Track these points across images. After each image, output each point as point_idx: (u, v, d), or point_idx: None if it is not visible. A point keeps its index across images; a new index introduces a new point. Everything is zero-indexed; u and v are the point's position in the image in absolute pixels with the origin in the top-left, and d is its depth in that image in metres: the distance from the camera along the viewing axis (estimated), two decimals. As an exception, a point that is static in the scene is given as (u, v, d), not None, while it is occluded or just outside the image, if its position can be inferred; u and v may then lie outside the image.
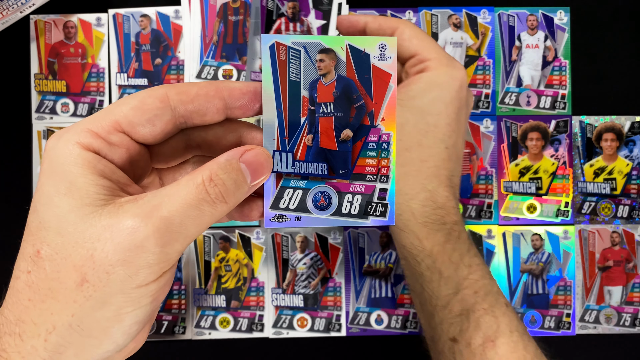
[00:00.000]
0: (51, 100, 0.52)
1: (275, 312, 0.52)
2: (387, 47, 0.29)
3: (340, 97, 0.30)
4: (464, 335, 0.38)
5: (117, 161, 0.27)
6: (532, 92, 0.53)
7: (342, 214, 0.31)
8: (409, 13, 0.53)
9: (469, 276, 0.39)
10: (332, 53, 0.29)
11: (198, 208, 0.25)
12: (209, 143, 0.31)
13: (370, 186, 0.31)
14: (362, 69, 0.29)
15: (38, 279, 0.24)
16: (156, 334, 0.52)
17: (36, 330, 0.24)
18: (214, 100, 0.28)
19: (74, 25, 0.52)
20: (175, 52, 0.52)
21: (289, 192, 0.30)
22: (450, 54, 0.53)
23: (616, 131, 0.53)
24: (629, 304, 0.52)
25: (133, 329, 0.26)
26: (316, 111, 0.30)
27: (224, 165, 0.26)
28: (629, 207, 0.53)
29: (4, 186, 0.52)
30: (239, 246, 0.52)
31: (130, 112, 0.27)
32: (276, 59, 0.29)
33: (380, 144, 0.30)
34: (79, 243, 0.24)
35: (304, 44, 0.29)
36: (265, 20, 0.51)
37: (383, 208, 0.31)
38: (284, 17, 0.51)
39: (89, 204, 0.25)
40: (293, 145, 0.30)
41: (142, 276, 0.24)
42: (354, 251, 0.52)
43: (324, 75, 0.29)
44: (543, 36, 0.53)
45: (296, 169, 0.30)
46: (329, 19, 0.51)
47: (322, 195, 0.30)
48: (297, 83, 0.29)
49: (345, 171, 0.30)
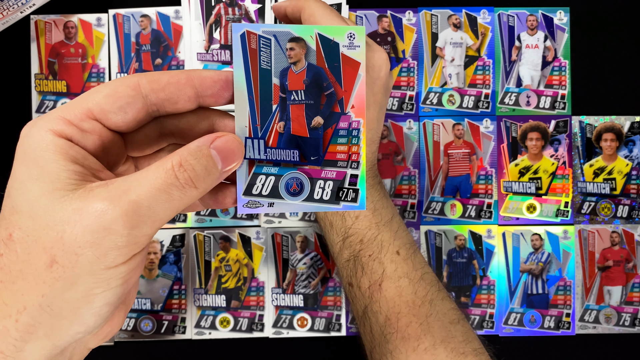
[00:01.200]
0: (51, 100, 0.52)
1: (275, 312, 0.52)
2: (355, 36, 0.30)
3: (310, 85, 0.30)
4: (355, 279, 0.43)
5: (89, 147, 0.28)
6: (532, 92, 0.53)
7: (314, 199, 0.31)
8: (409, 13, 0.53)
9: (353, 225, 0.43)
10: (302, 42, 0.30)
11: (167, 192, 0.26)
12: (182, 131, 0.31)
13: (341, 172, 0.31)
14: (332, 58, 0.30)
15: (9, 262, 0.25)
16: (156, 334, 0.52)
17: (7, 311, 0.25)
18: (185, 88, 0.28)
19: (74, 25, 0.52)
20: (175, 52, 0.52)
21: (262, 178, 0.31)
22: (450, 54, 0.53)
23: (616, 131, 0.53)
24: (628, 303, 0.52)
25: (103, 310, 0.26)
26: (287, 99, 0.30)
27: (194, 152, 0.27)
28: (628, 207, 0.53)
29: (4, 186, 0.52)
30: (239, 246, 0.52)
31: (102, 100, 0.27)
32: (247, 47, 0.29)
33: (350, 130, 0.31)
34: (49, 226, 0.25)
35: (274, 33, 0.29)
36: (205, 6, 0.52)
37: (354, 193, 0.31)
38: (222, 3, 0.52)
39: (60, 189, 0.25)
40: (265, 132, 0.30)
41: (111, 258, 0.25)
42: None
43: (294, 63, 0.30)
44: (543, 36, 0.53)
45: (268, 155, 0.30)
46: (264, 3, 0.52)
47: (295, 181, 0.31)
48: (268, 71, 0.30)
49: (316, 157, 0.31)
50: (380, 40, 0.53)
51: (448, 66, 0.53)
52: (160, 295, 0.52)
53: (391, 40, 0.53)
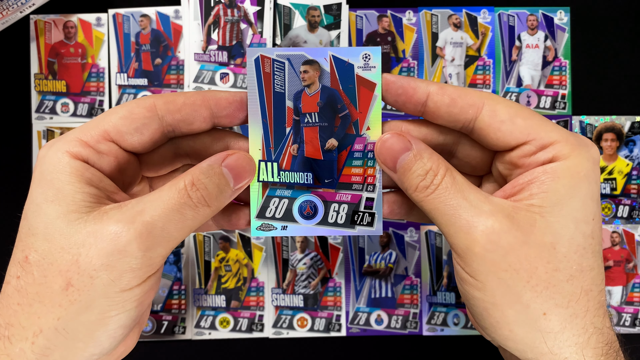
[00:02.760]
0: (51, 100, 0.52)
1: (275, 312, 0.52)
2: (371, 57, 0.29)
3: (324, 107, 0.30)
4: None
5: (105, 169, 0.28)
6: (532, 92, 0.53)
7: (329, 223, 0.31)
8: (409, 13, 0.53)
9: None
10: (316, 64, 0.29)
11: (180, 212, 0.26)
12: (197, 152, 0.31)
13: (356, 195, 0.31)
14: (346, 79, 0.30)
15: (26, 284, 0.25)
16: (156, 334, 0.52)
17: (24, 334, 0.25)
18: (201, 109, 0.29)
19: (74, 25, 0.52)
20: (175, 52, 0.52)
21: (275, 201, 0.31)
22: (450, 54, 0.53)
23: (616, 131, 0.53)
24: (629, 304, 0.52)
25: (118, 332, 0.26)
26: (301, 121, 0.30)
27: (206, 170, 0.27)
28: (629, 207, 0.53)
29: (3, 186, 0.52)
30: (239, 246, 0.52)
31: (119, 122, 0.28)
32: (261, 71, 0.29)
33: (365, 153, 0.30)
34: (64, 248, 0.25)
35: (288, 56, 0.29)
36: (204, 6, 0.52)
37: (370, 217, 0.31)
38: (221, 4, 0.52)
39: (75, 211, 0.25)
40: (278, 155, 0.30)
41: (126, 280, 0.25)
42: (354, 251, 0.52)
43: (308, 86, 0.30)
44: (543, 36, 0.53)
45: (282, 178, 0.30)
46: (263, 5, 0.52)
47: (308, 204, 0.31)
48: (281, 94, 0.30)
49: (330, 180, 0.30)
50: (380, 40, 0.53)
51: (448, 66, 0.53)
52: (160, 296, 0.52)
53: (391, 40, 0.53)
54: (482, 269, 0.26)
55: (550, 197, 0.27)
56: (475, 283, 0.27)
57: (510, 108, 0.29)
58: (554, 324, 0.26)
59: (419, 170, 0.28)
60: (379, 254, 0.52)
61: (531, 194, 0.27)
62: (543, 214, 0.27)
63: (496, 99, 0.29)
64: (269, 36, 0.52)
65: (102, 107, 0.52)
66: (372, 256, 0.52)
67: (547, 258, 0.26)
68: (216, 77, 0.52)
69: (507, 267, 0.26)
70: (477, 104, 0.28)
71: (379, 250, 0.52)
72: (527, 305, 0.26)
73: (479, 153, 0.32)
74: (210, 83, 0.51)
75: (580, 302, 0.27)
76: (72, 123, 0.52)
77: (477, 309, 0.28)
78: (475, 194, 0.27)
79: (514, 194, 0.28)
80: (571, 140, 0.28)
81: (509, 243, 0.26)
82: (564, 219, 0.27)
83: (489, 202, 0.27)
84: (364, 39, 0.53)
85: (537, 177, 0.28)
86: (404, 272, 0.52)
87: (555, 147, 0.28)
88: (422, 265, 0.52)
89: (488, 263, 0.26)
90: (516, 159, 0.29)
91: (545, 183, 0.27)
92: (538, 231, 0.26)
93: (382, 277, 0.52)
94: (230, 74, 0.52)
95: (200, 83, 0.51)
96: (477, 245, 0.26)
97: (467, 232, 0.26)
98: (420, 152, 0.28)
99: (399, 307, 0.52)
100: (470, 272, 0.27)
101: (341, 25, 0.52)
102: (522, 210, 0.27)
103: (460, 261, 0.27)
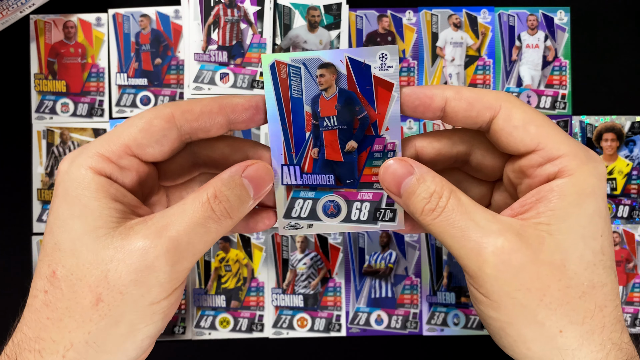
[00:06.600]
0: (51, 100, 0.52)
1: (275, 312, 0.52)
2: (388, 57, 0.29)
3: (342, 110, 0.30)
4: None
5: (127, 184, 0.28)
6: (532, 92, 0.53)
7: (352, 220, 0.31)
8: (409, 13, 0.53)
9: None
10: (332, 67, 0.30)
11: (204, 226, 0.26)
12: (216, 162, 0.32)
13: (377, 193, 0.31)
14: (364, 81, 0.30)
15: (55, 299, 0.26)
16: (156, 334, 0.52)
17: (55, 347, 0.25)
18: (218, 117, 0.29)
19: (73, 25, 0.52)
20: (175, 52, 0.52)
21: (300, 202, 0.31)
22: (450, 54, 0.53)
23: (616, 131, 0.53)
24: (629, 304, 0.52)
25: (145, 343, 0.27)
26: (320, 125, 0.30)
27: (228, 182, 0.27)
28: (629, 207, 0.53)
29: (3, 186, 0.52)
30: (239, 246, 0.52)
31: (138, 135, 0.28)
32: (277, 77, 0.30)
33: (385, 152, 0.31)
34: (92, 264, 0.25)
35: (303, 61, 0.29)
36: (204, 6, 0.52)
37: (392, 213, 0.31)
38: (221, 4, 0.52)
39: (102, 227, 0.26)
40: (300, 158, 0.31)
41: (154, 294, 0.26)
42: (354, 251, 0.52)
43: (325, 89, 0.30)
44: (543, 36, 0.53)
45: (304, 181, 0.31)
46: (263, 5, 0.52)
47: (332, 204, 0.31)
48: (299, 99, 0.30)
49: (352, 181, 0.31)
50: (380, 40, 0.53)
51: (448, 66, 0.53)
52: (160, 296, 0.52)
53: (391, 40, 0.53)
54: (496, 289, 0.27)
55: (557, 215, 0.27)
56: (490, 303, 0.27)
57: (525, 114, 0.28)
58: (571, 341, 0.26)
59: (423, 193, 0.28)
60: (379, 254, 0.52)
61: (539, 213, 0.28)
62: (551, 232, 0.27)
63: (513, 102, 0.29)
64: (269, 36, 0.52)
65: (102, 107, 0.52)
66: (372, 256, 0.52)
67: (558, 276, 0.26)
68: (216, 77, 0.51)
69: (519, 286, 0.26)
70: (494, 106, 0.29)
71: (379, 250, 0.52)
72: (543, 323, 0.26)
73: (491, 160, 0.32)
74: (210, 83, 0.51)
75: (596, 318, 0.27)
76: (72, 123, 0.52)
77: (494, 329, 0.28)
78: (483, 214, 0.28)
79: (521, 212, 0.29)
80: (579, 154, 0.28)
81: (520, 262, 0.26)
82: (571, 236, 0.27)
83: (497, 221, 0.27)
84: (364, 39, 0.53)
85: (544, 195, 0.28)
86: (404, 272, 0.52)
87: (562, 160, 0.28)
88: (422, 265, 0.52)
89: (501, 283, 0.26)
90: (525, 167, 0.29)
91: (552, 201, 0.27)
92: (547, 249, 0.27)
93: (382, 277, 0.52)
94: (230, 74, 0.52)
95: (200, 83, 0.51)
96: (489, 266, 0.26)
97: (478, 253, 0.27)
98: (423, 175, 0.29)
99: (399, 307, 0.52)
100: (484, 293, 0.27)
101: (341, 25, 0.52)
102: (530, 228, 0.27)
103: (474, 282, 0.28)
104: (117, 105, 0.52)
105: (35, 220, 0.52)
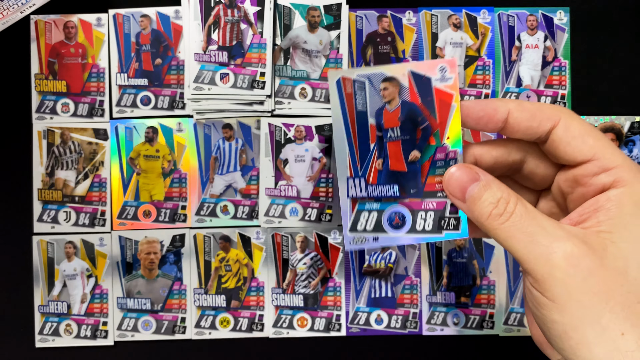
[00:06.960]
0: (51, 100, 0.52)
1: (275, 312, 0.52)
2: (447, 69, 0.31)
3: (405, 121, 0.31)
4: None
5: None
6: (532, 92, 0.53)
7: (417, 230, 0.32)
8: (409, 13, 0.53)
9: None
10: (395, 81, 0.31)
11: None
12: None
13: (441, 202, 0.32)
14: (425, 92, 0.31)
15: None
16: (156, 334, 0.52)
17: None
18: None
19: (74, 25, 0.52)
20: (175, 52, 0.52)
21: (365, 214, 0.32)
22: (450, 54, 0.53)
23: (616, 131, 0.53)
24: None
25: None
26: (384, 136, 0.31)
27: None
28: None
29: (4, 186, 0.52)
30: (239, 246, 0.52)
31: None
32: (343, 93, 0.31)
33: (447, 161, 0.32)
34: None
35: (368, 76, 0.31)
36: (204, 6, 0.52)
37: (456, 222, 0.32)
38: (221, 4, 0.52)
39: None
40: (365, 170, 0.31)
41: None
42: (354, 251, 0.53)
43: (388, 102, 0.31)
44: (543, 36, 0.53)
45: (369, 192, 0.32)
46: (263, 5, 0.52)
47: (396, 214, 0.32)
48: (364, 112, 0.31)
49: (416, 190, 0.32)
50: (380, 40, 0.53)
51: (448, 66, 0.53)
52: (160, 295, 0.52)
53: (391, 40, 0.53)
54: (563, 292, 0.28)
55: (617, 223, 0.29)
56: (555, 307, 0.28)
57: (583, 126, 0.30)
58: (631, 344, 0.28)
59: (491, 199, 0.29)
60: (379, 253, 0.52)
61: (599, 222, 0.29)
62: (613, 240, 0.28)
63: (571, 115, 0.31)
64: (269, 36, 0.52)
65: (102, 107, 0.52)
66: (372, 256, 0.52)
67: (621, 281, 0.28)
68: (216, 78, 0.52)
69: (587, 290, 0.27)
70: (554, 118, 0.30)
71: (379, 250, 0.52)
72: (606, 326, 0.28)
73: (543, 169, 0.33)
74: (210, 83, 0.51)
75: None
76: (73, 123, 0.52)
77: (556, 332, 0.29)
78: (548, 221, 0.29)
79: (581, 221, 0.30)
80: (633, 167, 0.30)
81: (588, 267, 0.27)
82: (632, 244, 0.29)
83: (562, 229, 0.29)
84: (364, 39, 0.53)
85: (602, 205, 0.29)
86: (404, 272, 0.52)
87: (617, 171, 0.29)
88: (422, 265, 0.52)
89: (569, 287, 0.27)
90: (579, 176, 0.31)
91: (611, 210, 0.29)
92: (610, 255, 0.28)
93: (382, 277, 0.52)
94: (231, 74, 0.52)
95: (201, 83, 0.51)
96: (559, 270, 0.27)
97: (547, 257, 0.28)
98: (489, 182, 0.30)
99: (399, 306, 0.52)
100: (550, 297, 0.28)
101: (341, 26, 0.52)
102: (593, 236, 0.28)
103: (539, 287, 0.28)
104: (118, 105, 0.52)
105: (35, 220, 0.52)
